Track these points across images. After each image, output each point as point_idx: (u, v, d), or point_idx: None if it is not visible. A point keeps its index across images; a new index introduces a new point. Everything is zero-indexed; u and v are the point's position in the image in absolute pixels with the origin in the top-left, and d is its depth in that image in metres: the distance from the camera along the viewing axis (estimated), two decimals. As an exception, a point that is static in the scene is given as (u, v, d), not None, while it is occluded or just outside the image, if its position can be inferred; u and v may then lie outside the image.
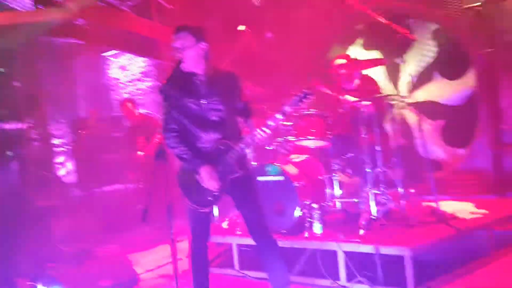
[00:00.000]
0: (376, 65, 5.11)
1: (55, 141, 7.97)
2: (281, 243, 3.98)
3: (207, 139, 3.05)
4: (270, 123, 2.93)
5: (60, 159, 8.14)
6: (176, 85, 3.00)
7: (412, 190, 4.52)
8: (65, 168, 8.07)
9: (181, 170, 3.11)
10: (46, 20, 6.03)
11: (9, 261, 4.58)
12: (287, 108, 2.93)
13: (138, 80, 9.04)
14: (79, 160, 7.56)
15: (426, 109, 6.31)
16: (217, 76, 3.09)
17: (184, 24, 3.05)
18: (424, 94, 6.38)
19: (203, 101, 3.04)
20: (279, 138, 4.63)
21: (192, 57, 3.00)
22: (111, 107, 9.16)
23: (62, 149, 8.47)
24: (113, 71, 9.38)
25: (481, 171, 5.68)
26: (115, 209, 6.97)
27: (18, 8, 5.77)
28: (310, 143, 4.52)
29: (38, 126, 6.50)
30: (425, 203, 4.55)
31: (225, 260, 4.53)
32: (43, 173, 6.02)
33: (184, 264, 3.84)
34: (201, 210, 3.06)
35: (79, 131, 7.50)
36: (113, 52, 8.93)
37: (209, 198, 3.04)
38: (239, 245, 4.30)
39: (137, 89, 9.06)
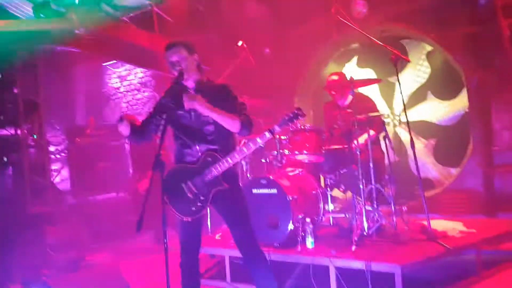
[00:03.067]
0: (370, 83, 5.20)
1: (51, 148, 8.00)
2: (274, 256, 4.07)
3: (196, 150, 3.10)
4: (258, 140, 3.00)
5: (56, 166, 8.17)
6: (171, 97, 3.09)
7: (404, 208, 4.58)
8: (60, 175, 8.09)
9: (167, 178, 3.07)
10: (47, 28, 6.10)
11: (1, 266, 4.58)
12: (276, 128, 3.01)
13: (137, 90, 9.12)
14: (74, 168, 7.59)
15: (419, 128, 6.43)
16: (209, 88, 3.16)
17: (174, 40, 3.16)
18: (417, 113, 6.50)
19: (193, 113, 3.12)
20: (274, 152, 4.70)
21: (190, 68, 3.11)
22: (109, 116, 9.22)
23: (58, 156, 8.50)
24: (113, 81, 9.46)
25: (471, 191, 5.77)
26: (109, 217, 6.99)
27: (20, 16, 5.84)
28: (305, 157, 4.59)
29: (35, 133, 6.51)
30: (416, 221, 4.62)
31: (217, 272, 4.56)
32: (38, 180, 6.03)
33: (178, 274, 3.86)
34: (184, 219, 3.09)
35: (76, 139, 7.54)
36: (113, 62, 9.01)
37: (193, 208, 3.07)
38: (232, 257, 4.32)
39: (136, 99, 9.13)
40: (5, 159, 6.29)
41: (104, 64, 9.18)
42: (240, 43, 5.35)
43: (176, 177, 3.11)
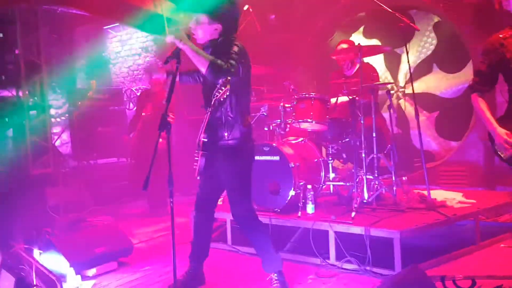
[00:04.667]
0: (379, 52, 5.16)
1: (52, 111, 7.98)
2: (274, 221, 4.12)
3: (210, 104, 3.05)
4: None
5: (57, 129, 8.16)
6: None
7: (405, 178, 4.61)
8: (60, 139, 8.09)
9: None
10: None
11: (4, 225, 4.63)
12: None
13: (138, 55, 9.03)
14: (75, 131, 7.58)
15: (423, 100, 6.41)
16: (220, 43, 3.08)
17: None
18: (422, 85, 6.47)
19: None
20: (277, 120, 4.70)
21: (203, 36, 3.07)
22: (110, 80, 9.16)
23: (58, 119, 8.49)
24: (114, 45, 9.35)
25: (471, 164, 5.80)
26: (110, 181, 7.04)
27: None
28: (308, 125, 4.59)
29: (36, 95, 6.48)
30: (416, 191, 4.66)
31: (219, 235, 4.62)
32: (39, 142, 6.04)
33: (179, 237, 3.93)
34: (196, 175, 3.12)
35: (77, 102, 7.50)
36: (114, 25, 8.89)
37: (194, 166, 3.09)
38: (233, 221, 4.37)
39: (136, 64, 9.05)
40: (6, 119, 6.28)
41: (105, 27, 9.06)
42: (246, 7, 5.27)
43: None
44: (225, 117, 3.06)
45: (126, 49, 9.18)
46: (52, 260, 3.65)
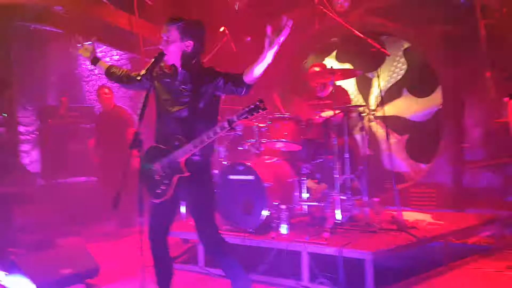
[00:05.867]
0: (350, 75, 5.27)
1: (21, 129, 7.78)
2: (248, 241, 4.09)
3: (169, 131, 3.05)
4: (218, 130, 2.92)
5: (25, 147, 7.96)
6: (153, 74, 3.05)
7: (376, 199, 4.67)
8: (29, 157, 7.89)
9: (142, 157, 3.03)
10: (23, 3, 5.93)
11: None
12: (235, 118, 2.88)
13: (112, 73, 8.95)
14: (45, 150, 7.40)
15: (394, 123, 6.55)
16: (197, 69, 3.09)
17: (177, 17, 3.04)
18: (392, 109, 6.62)
19: (174, 94, 3.07)
20: (252, 139, 4.71)
21: (174, 52, 3.03)
22: (82, 97, 9.03)
23: (28, 137, 8.28)
24: (87, 62, 9.25)
25: (441, 186, 5.93)
26: (79, 201, 6.87)
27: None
28: (282, 145, 4.62)
29: (5, 111, 6.33)
30: (387, 212, 4.72)
31: (190, 257, 4.55)
32: (7, 159, 5.87)
33: (149, 258, 3.85)
34: (152, 200, 3.09)
35: (47, 120, 7.35)
36: (88, 42, 8.81)
37: (158, 191, 3.04)
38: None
39: (110, 82, 8.95)
40: (-27, 136, 6.11)
41: (78, 44, 8.97)
42: (222, 29, 5.32)
43: (149, 157, 3.07)
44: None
45: (100, 67, 9.09)
46: (17, 282, 3.52)
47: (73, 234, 5.84)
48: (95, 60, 3.45)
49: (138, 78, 2.97)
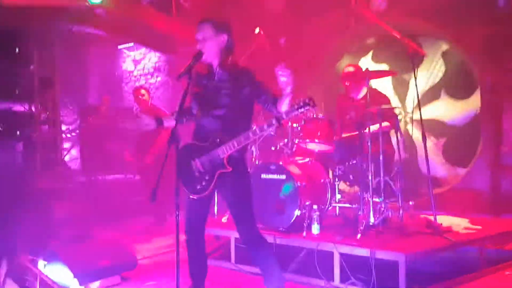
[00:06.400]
0: (385, 75, 5.21)
1: (63, 127, 8.09)
2: (279, 240, 4.12)
3: (208, 129, 3.13)
4: (265, 127, 2.97)
5: (66, 145, 8.26)
6: (192, 74, 3.12)
7: (411, 203, 4.60)
8: (69, 155, 8.18)
9: (179, 153, 3.15)
10: (66, 5, 6.17)
11: (11, 237, 4.67)
12: (284, 116, 2.94)
13: (150, 74, 9.19)
14: (85, 147, 7.66)
15: (431, 126, 6.43)
16: (233, 70, 3.15)
17: (207, 16, 3.15)
18: (429, 111, 6.50)
19: (212, 93, 3.15)
20: (285, 139, 4.74)
21: (211, 49, 3.10)
22: (122, 98, 9.30)
23: (69, 135, 8.59)
24: (127, 64, 9.53)
25: (478, 191, 5.78)
26: (117, 197, 7.07)
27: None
28: (315, 146, 4.62)
29: (48, 110, 6.60)
30: (422, 216, 4.65)
31: (222, 253, 4.62)
32: (49, 155, 6.12)
33: (184, 254, 3.92)
34: (191, 197, 3.16)
35: (88, 119, 7.61)
36: (128, 45, 9.08)
37: (198, 187, 3.11)
38: (237, 239, 4.38)
39: (148, 83, 9.19)
40: (18, 133, 6.39)
41: (119, 46, 9.26)
42: (257, 30, 5.38)
43: (187, 154, 3.16)
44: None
45: (139, 68, 9.35)
46: (57, 271, 3.67)
47: (111, 229, 6.01)
48: (160, 122, 3.34)
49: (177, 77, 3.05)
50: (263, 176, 4.45)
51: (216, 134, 3.08)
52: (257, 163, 4.90)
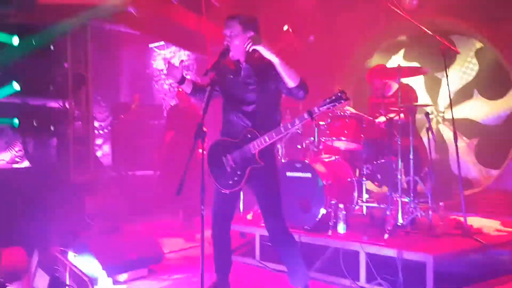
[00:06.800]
0: (416, 73, 5.11)
1: (96, 124, 8.29)
2: (304, 238, 4.10)
3: (238, 125, 3.16)
4: (297, 121, 2.98)
5: (99, 141, 8.46)
6: (219, 70, 3.14)
7: (441, 203, 4.50)
8: (101, 151, 8.37)
9: (210, 148, 3.26)
10: (99, 4, 6.30)
11: (43, 228, 4.81)
12: (316, 109, 2.94)
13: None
14: (116, 144, 7.82)
15: (463, 126, 6.28)
16: (259, 62, 3.14)
17: (235, 13, 3.17)
18: (462, 111, 6.35)
19: (240, 89, 3.17)
20: (311, 137, 4.71)
21: (238, 46, 3.11)
22: (152, 96, 9.45)
23: (101, 132, 8.80)
24: (157, 63, 9.67)
25: (511, 193, 5.61)
26: (146, 192, 7.19)
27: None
28: (342, 144, 4.58)
29: (81, 107, 6.74)
30: (452, 217, 4.54)
31: (248, 250, 4.64)
32: (82, 151, 6.26)
33: (209, 249, 3.96)
34: (222, 191, 3.18)
35: (120, 116, 7.77)
36: (159, 44, 9.21)
37: (230, 182, 3.15)
38: (262, 237, 4.39)
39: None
40: (52, 128, 6.56)
41: (150, 45, 9.40)
42: (285, 27, 5.37)
43: (218, 150, 3.21)
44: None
45: (169, 66, 9.46)
46: (86, 263, 3.77)
47: (139, 223, 6.12)
48: (182, 80, 3.36)
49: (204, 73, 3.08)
50: (289, 174, 4.43)
51: (248, 129, 3.11)
52: (283, 161, 4.89)
